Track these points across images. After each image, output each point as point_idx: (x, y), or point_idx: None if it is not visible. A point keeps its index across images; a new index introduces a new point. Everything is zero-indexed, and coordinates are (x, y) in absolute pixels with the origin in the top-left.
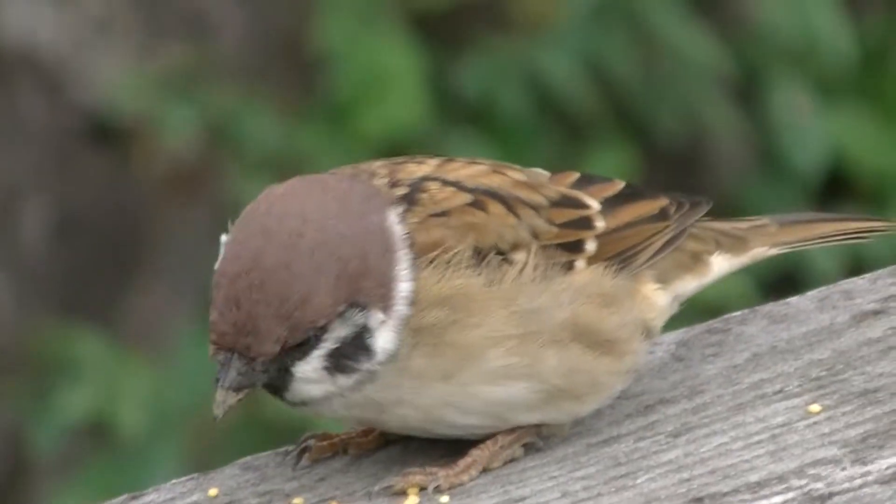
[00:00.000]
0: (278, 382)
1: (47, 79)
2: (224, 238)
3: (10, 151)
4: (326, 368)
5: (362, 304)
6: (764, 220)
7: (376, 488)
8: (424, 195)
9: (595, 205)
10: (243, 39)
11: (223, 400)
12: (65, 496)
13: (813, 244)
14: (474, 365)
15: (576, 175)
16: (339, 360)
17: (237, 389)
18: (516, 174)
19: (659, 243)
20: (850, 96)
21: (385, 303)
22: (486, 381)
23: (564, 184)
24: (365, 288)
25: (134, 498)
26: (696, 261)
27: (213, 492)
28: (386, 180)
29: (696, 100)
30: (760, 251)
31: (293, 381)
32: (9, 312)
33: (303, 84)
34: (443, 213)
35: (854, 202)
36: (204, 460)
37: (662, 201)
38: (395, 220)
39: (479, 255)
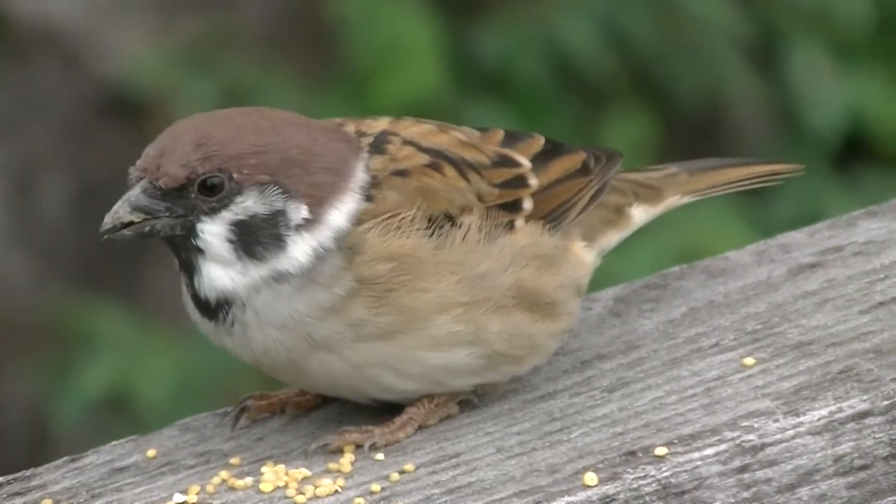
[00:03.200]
0: (186, 249)
1: (65, 53)
2: None
3: (28, 126)
4: (232, 242)
5: (287, 189)
6: (673, 168)
7: (313, 447)
8: (389, 146)
9: (526, 163)
10: (262, 11)
11: (116, 211)
12: None
13: (723, 190)
14: (420, 330)
15: (501, 133)
16: (248, 239)
17: (134, 208)
18: (458, 133)
19: (586, 198)
20: (867, 59)
21: (316, 206)
22: (430, 347)
23: (494, 143)
24: (296, 177)
25: (74, 460)
26: (618, 214)
27: (151, 453)
28: (353, 130)
29: (715, 65)
30: (674, 200)
31: (200, 251)
32: (30, 287)
33: (322, 55)
34: (403, 173)
35: (873, 164)
36: None
37: (582, 155)
38: (361, 162)
39: (430, 220)
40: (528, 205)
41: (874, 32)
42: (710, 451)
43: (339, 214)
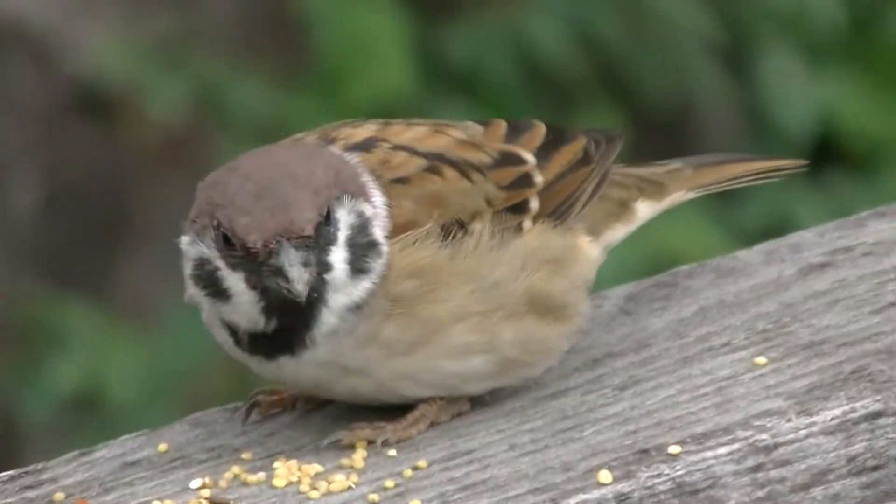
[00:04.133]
0: (316, 287)
1: (35, 50)
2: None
3: None
4: (350, 263)
5: (351, 192)
6: (678, 163)
7: (324, 443)
8: (377, 150)
9: (531, 158)
10: (230, 8)
11: (299, 276)
12: None
13: (726, 186)
14: (439, 340)
15: (504, 124)
16: (357, 253)
17: (304, 265)
18: (457, 132)
19: (589, 189)
20: (839, 61)
21: (366, 198)
22: (447, 356)
23: (498, 137)
24: (347, 184)
25: (84, 454)
26: (623, 208)
27: (162, 447)
28: (317, 138)
29: (686, 65)
30: (678, 195)
31: (326, 284)
32: None
33: (290, 52)
34: (403, 180)
35: (844, 167)
36: None
37: (582, 140)
38: (345, 155)
39: (444, 228)
40: (534, 204)
41: (845, 35)
42: (723, 451)
43: (379, 200)
